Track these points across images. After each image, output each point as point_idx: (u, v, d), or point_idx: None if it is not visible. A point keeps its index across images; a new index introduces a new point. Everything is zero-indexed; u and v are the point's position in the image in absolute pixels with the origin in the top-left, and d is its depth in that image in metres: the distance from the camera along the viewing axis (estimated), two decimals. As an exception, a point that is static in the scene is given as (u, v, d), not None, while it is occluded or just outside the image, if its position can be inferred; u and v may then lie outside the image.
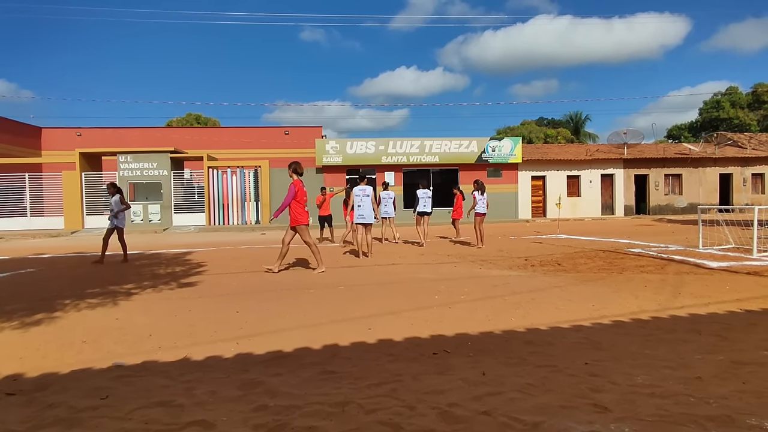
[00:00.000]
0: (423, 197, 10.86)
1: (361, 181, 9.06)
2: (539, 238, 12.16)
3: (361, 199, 8.68)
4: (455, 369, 2.97)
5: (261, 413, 2.38)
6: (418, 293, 5.35)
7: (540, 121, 48.77)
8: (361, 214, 8.67)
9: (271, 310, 4.68)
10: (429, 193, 11.05)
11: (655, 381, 2.68)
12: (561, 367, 2.95)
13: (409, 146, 21.95)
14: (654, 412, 2.28)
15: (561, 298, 4.97)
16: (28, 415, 2.44)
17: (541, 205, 23.59)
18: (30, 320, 4.42)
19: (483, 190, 10.60)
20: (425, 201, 10.87)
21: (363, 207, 8.66)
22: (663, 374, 2.78)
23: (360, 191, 8.75)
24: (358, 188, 8.83)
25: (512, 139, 23.15)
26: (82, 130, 23.64)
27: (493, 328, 3.88)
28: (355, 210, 8.74)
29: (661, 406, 2.35)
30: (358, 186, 8.87)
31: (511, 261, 7.91)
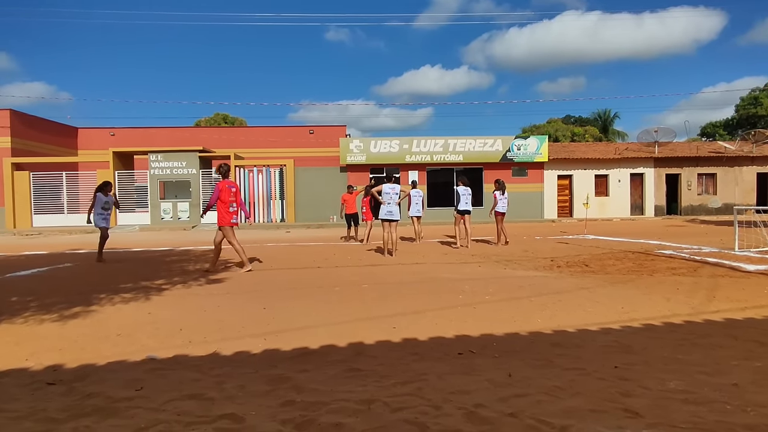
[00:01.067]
0: (464, 194, 10.22)
1: (388, 180, 9.23)
2: (566, 239, 11.94)
3: (390, 197, 8.86)
4: (481, 369, 2.95)
5: (288, 408, 2.43)
6: (442, 293, 5.34)
7: (567, 119, 47.82)
8: (389, 211, 8.84)
9: (297, 308, 4.75)
10: (469, 190, 10.43)
11: (689, 387, 2.61)
12: (589, 370, 2.90)
13: (432, 145, 21.87)
14: (688, 419, 2.22)
15: (589, 299, 4.88)
16: (68, 404, 2.55)
17: (567, 204, 23.15)
18: (68, 313, 4.61)
19: (504, 189, 10.68)
20: (467, 199, 10.24)
21: (391, 204, 8.85)
22: (697, 380, 2.70)
23: (389, 189, 8.94)
24: (387, 186, 9.00)
25: (538, 138, 22.79)
26: (116, 130, 24.43)
27: (519, 330, 3.84)
28: (383, 207, 8.91)
29: (695, 413, 2.28)
30: (386, 184, 9.03)
31: (537, 261, 7.80)
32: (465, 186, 10.39)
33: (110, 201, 8.94)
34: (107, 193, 8.90)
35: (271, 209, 20.99)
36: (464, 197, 10.20)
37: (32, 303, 5.09)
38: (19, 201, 19.94)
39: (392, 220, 8.85)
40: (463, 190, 10.27)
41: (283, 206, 21.07)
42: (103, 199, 8.83)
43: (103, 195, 8.81)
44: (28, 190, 19.96)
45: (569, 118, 48.18)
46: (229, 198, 7.11)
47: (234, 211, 7.23)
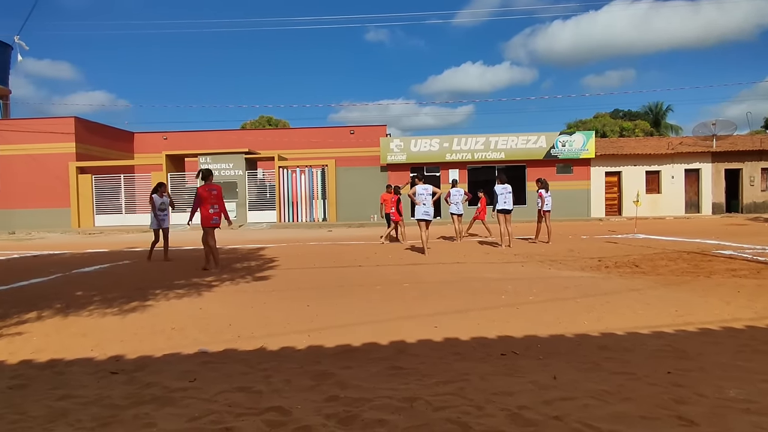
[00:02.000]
0: (503, 193, 9.90)
1: (420, 180, 9.31)
2: (614, 238, 11.47)
3: (424, 197, 8.96)
4: (524, 371, 2.91)
5: (332, 404, 2.49)
6: (485, 293, 5.28)
7: (615, 114, 45.82)
8: (426, 212, 8.95)
9: (340, 305, 4.84)
10: (509, 188, 10.06)
11: (751, 396, 2.46)
12: (640, 375, 2.79)
13: (473, 143, 21.57)
14: (749, 430, 2.10)
15: (639, 302, 4.68)
16: (129, 392, 2.73)
17: (616, 202, 22.21)
18: (127, 307, 4.92)
19: (547, 187, 10.66)
20: (506, 197, 9.90)
21: (426, 205, 8.95)
22: (759, 389, 2.55)
23: (423, 190, 9.03)
24: (421, 187, 9.08)
25: (584, 133, 22.00)
26: (168, 134, 25.71)
27: (564, 331, 3.75)
28: (418, 208, 9.00)
29: (757, 424, 2.15)
30: (419, 185, 9.11)
31: (583, 262, 7.55)
32: (504, 184, 10.02)
33: (166, 202, 9.28)
34: (162, 194, 9.26)
35: (313, 209, 21.40)
36: (503, 196, 9.89)
37: (96, 297, 5.47)
38: (82, 202, 21.36)
39: (428, 220, 9.00)
40: (502, 189, 9.94)
41: (324, 206, 21.43)
42: (159, 201, 9.22)
43: (158, 197, 9.20)
44: (90, 192, 21.33)
45: (618, 113, 46.14)
46: (210, 201, 7.40)
47: (215, 213, 7.46)
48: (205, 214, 7.40)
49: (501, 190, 9.94)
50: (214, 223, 7.47)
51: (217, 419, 2.34)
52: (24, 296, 5.64)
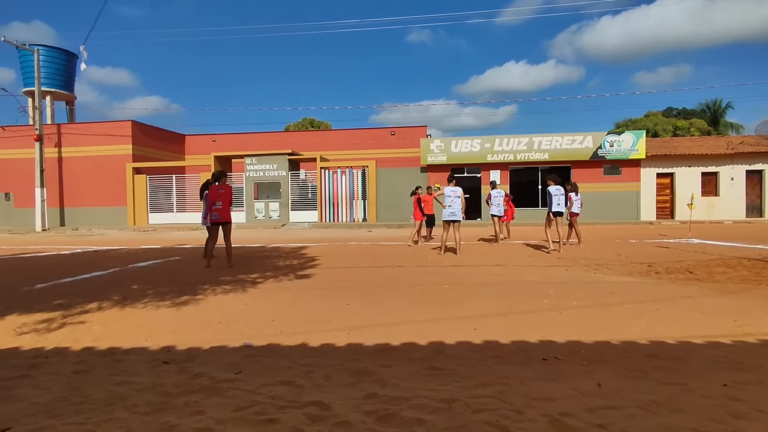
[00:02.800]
0: (556, 194, 9.42)
1: (450, 182, 9.56)
2: (666, 242, 10.92)
3: (452, 199, 9.22)
4: (567, 377, 2.84)
5: (371, 401, 2.53)
6: (526, 296, 5.17)
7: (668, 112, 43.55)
8: (452, 212, 9.23)
9: (379, 305, 4.88)
10: (562, 189, 9.57)
11: (817, 413, 2.29)
12: (692, 386, 2.66)
13: (516, 143, 21.13)
14: (814, 449, 1.96)
15: (693, 310, 4.45)
16: (180, 382, 2.88)
17: (668, 205, 21.13)
18: (179, 301, 5.17)
19: (577, 190, 10.65)
20: (559, 199, 9.44)
21: (453, 206, 9.21)
22: (828, 407, 2.37)
23: (451, 192, 9.30)
24: (449, 188, 9.37)
25: (634, 133, 21.07)
26: (216, 136, 26.76)
27: (610, 338, 3.62)
28: (445, 209, 9.29)
29: (823, 443, 2.01)
30: (448, 186, 9.40)
31: (631, 267, 7.24)
32: (557, 185, 9.55)
33: None
34: None
35: (353, 209, 21.65)
36: (556, 197, 9.43)
37: (149, 291, 5.78)
38: (137, 201, 22.59)
39: (455, 221, 9.24)
40: (555, 190, 9.47)
41: (365, 206, 21.63)
42: None
43: None
44: (144, 192, 22.53)
45: (671, 111, 43.84)
46: (216, 200, 7.79)
47: (217, 209, 7.81)
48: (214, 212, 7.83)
49: (554, 191, 9.44)
50: (215, 218, 7.85)
51: (261, 410, 2.43)
52: (86, 288, 6.05)
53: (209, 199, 7.87)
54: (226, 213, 7.97)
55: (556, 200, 9.42)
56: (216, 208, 7.85)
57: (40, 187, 21.07)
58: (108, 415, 2.41)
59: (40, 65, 22.00)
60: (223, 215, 7.91)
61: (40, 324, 4.28)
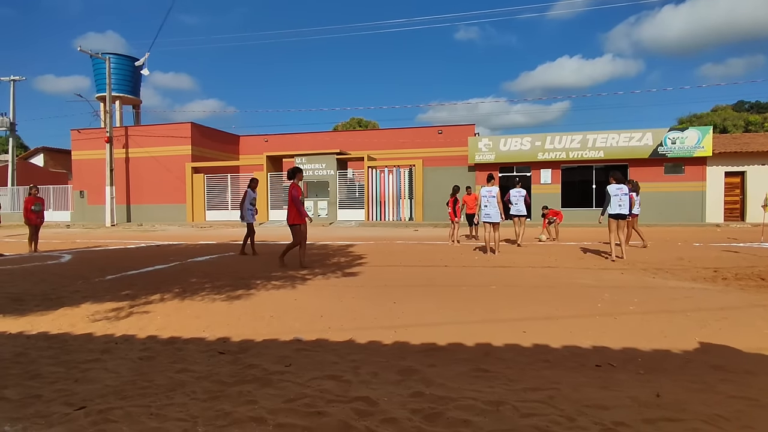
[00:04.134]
0: (617, 194, 8.36)
1: (488, 182, 9.50)
2: (734, 247, 10.15)
3: (487, 199, 9.20)
4: (622, 385, 2.72)
5: (417, 399, 2.54)
6: (578, 300, 4.99)
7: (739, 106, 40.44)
8: (487, 213, 9.21)
9: (425, 304, 4.88)
10: (625, 189, 8.45)
11: None
12: (764, 402, 2.47)
13: (568, 141, 20.35)
14: None
15: (765, 319, 4.12)
16: (234, 372, 3.02)
17: (738, 206, 19.60)
18: (233, 294, 5.41)
19: (638, 190, 10.13)
20: (621, 199, 8.33)
21: (489, 207, 9.17)
22: None
23: (486, 192, 9.26)
24: (484, 189, 9.35)
25: (699, 129, 19.70)
26: (269, 137, 27.71)
27: (670, 347, 3.42)
28: (482, 210, 9.34)
29: None
30: (485, 187, 9.39)
31: (695, 272, 6.79)
32: (618, 183, 8.50)
33: (256, 197, 9.76)
34: (254, 189, 9.73)
35: (400, 208, 21.69)
36: (616, 198, 8.36)
37: (206, 284, 6.09)
38: (196, 199, 23.80)
39: (490, 222, 9.20)
40: (615, 189, 8.42)
41: (411, 205, 21.62)
42: (252, 195, 9.67)
43: (252, 191, 9.67)
44: (202, 190, 23.70)
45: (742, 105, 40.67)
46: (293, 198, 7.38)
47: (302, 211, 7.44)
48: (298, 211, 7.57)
49: (615, 190, 8.41)
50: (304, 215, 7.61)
51: (310, 403, 2.50)
52: (150, 280, 6.46)
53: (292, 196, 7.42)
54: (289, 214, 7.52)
55: (617, 200, 8.35)
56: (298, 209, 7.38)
57: (110, 186, 22.68)
58: (169, 400, 2.57)
59: (111, 72, 23.65)
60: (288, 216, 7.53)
61: (111, 312, 4.62)
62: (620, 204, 8.32)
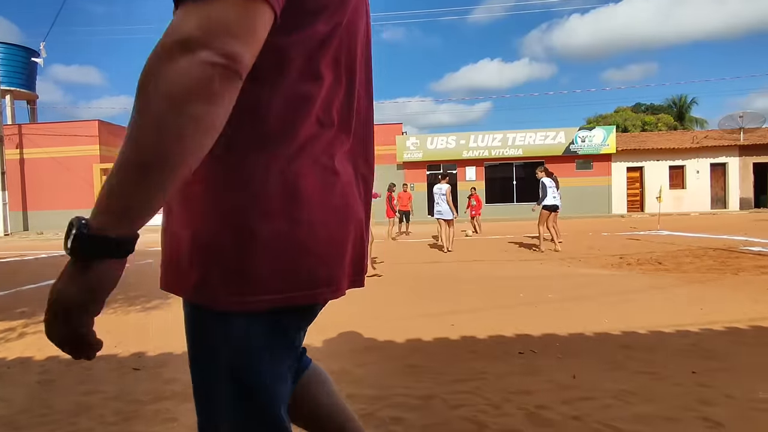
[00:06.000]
0: (552, 187, 8.69)
1: (440, 180, 9.64)
2: (636, 235, 11.23)
3: (439, 197, 9.40)
4: (543, 370, 2.86)
5: (349, 401, 2.49)
6: (502, 291, 5.22)
7: (637, 108, 44.90)
8: (438, 211, 9.40)
9: (352, 303, 4.84)
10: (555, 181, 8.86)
11: (781, 397, 2.38)
12: (664, 375, 2.72)
13: (491, 140, 21.38)
14: (778, 432, 2.03)
15: (663, 300, 4.57)
16: (151, 388, 2.78)
17: (638, 198, 21.76)
18: (150, 305, 5.02)
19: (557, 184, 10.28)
20: (554, 192, 8.67)
21: (440, 204, 9.36)
22: (790, 390, 2.46)
23: (437, 190, 9.48)
24: (436, 187, 9.57)
25: (605, 128, 21.60)
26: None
27: (584, 330, 3.68)
28: (435, 207, 9.54)
29: (787, 426, 2.08)
30: (436, 185, 9.57)
31: (604, 259, 7.41)
32: (550, 177, 8.81)
33: None
34: None
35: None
36: (552, 189, 8.68)
37: (119, 296, 5.59)
38: (106, 203, 21.90)
39: (443, 219, 9.40)
40: (550, 182, 8.74)
41: (341, 204, 21.55)
42: None
43: None
44: (113, 193, 21.86)
45: (639, 107, 45.21)
46: None
47: None
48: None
49: (550, 183, 8.73)
50: None
51: (236, 416, 2.36)
52: (51, 294, 5.80)
53: None
54: None
55: (551, 193, 8.66)
56: None
57: (1, 191, 20.19)
58: (72, 426, 2.31)
59: (0, 63, 21.05)
60: None
61: (1, 333, 4.08)
62: (555, 196, 8.67)
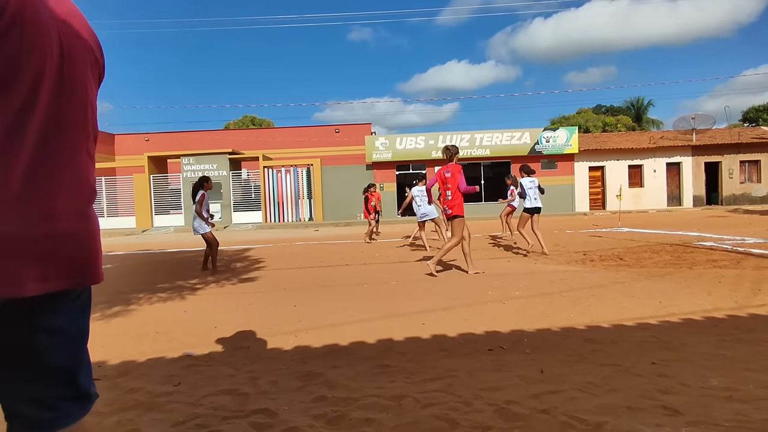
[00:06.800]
0: (532, 187, 8.11)
1: (420, 181, 9.82)
2: (598, 232, 11.63)
3: (421, 198, 9.41)
4: (512, 366, 2.92)
5: (320, 404, 2.47)
6: (472, 289, 5.29)
7: (598, 109, 46.50)
8: (423, 213, 9.37)
9: (327, 305, 4.81)
10: (537, 182, 8.23)
11: (733, 384, 2.50)
12: (625, 366, 2.82)
13: (458, 140, 21.67)
14: (732, 418, 2.13)
15: (624, 294, 4.74)
16: (112, 399, 2.66)
17: (600, 197, 22.53)
18: (110, 312, 4.82)
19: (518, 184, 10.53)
20: (535, 192, 8.13)
21: (423, 206, 9.35)
22: (742, 377, 2.59)
23: (418, 192, 9.54)
24: (416, 189, 9.68)
25: (568, 129, 22.25)
26: (150, 135, 25.27)
27: (551, 325, 3.77)
28: (419, 209, 9.51)
29: (740, 411, 2.19)
30: (416, 187, 9.72)
31: (569, 256, 7.63)
32: (531, 177, 8.24)
33: None
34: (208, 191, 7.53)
35: (299, 208, 21.28)
36: (532, 191, 8.12)
37: (77, 303, 5.34)
38: (62, 206, 20.91)
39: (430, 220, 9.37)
40: (529, 182, 8.14)
41: (311, 205, 21.33)
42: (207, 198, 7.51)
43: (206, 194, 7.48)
44: (70, 196, 20.89)
45: (600, 108, 46.84)
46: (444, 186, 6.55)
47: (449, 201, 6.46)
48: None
49: (529, 183, 8.14)
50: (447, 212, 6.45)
51: (203, 423, 2.30)
52: None
53: (203, 202, 6.91)
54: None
55: (532, 194, 8.13)
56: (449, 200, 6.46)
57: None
58: (26, 443, 2.18)
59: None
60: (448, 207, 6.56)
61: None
62: (535, 197, 8.18)
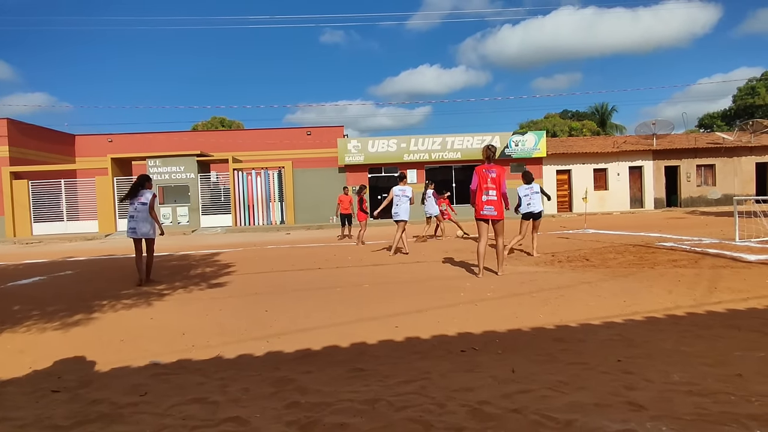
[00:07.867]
0: (528, 194, 8.05)
1: (400, 181, 9.40)
2: (566, 234, 11.94)
3: (399, 198, 9.11)
4: (484, 366, 2.95)
5: (293, 410, 2.43)
6: (444, 291, 5.33)
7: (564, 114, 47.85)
8: (396, 212, 9.11)
9: (299, 309, 4.75)
10: (536, 187, 8.13)
11: (693, 378, 2.61)
12: (593, 364, 2.90)
13: (430, 143, 21.86)
14: (692, 411, 2.22)
15: (590, 294, 4.88)
16: (73, 411, 2.55)
17: (566, 199, 23.16)
18: (71, 320, 4.61)
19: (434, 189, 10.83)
20: (531, 198, 8.03)
21: (399, 206, 9.08)
22: (701, 372, 2.71)
23: (399, 191, 9.17)
24: (396, 188, 9.24)
25: (536, 133, 22.79)
26: (113, 137, 24.41)
27: (521, 326, 3.84)
28: (393, 208, 9.17)
29: (699, 405, 2.28)
30: (397, 186, 9.28)
31: (537, 257, 7.79)
32: (529, 183, 8.16)
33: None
34: None
35: (270, 211, 20.97)
36: (527, 197, 8.04)
37: (34, 311, 5.09)
38: (18, 209, 19.92)
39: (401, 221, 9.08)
40: (526, 189, 8.08)
41: (282, 208, 21.05)
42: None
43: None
44: (27, 199, 19.93)
45: (566, 113, 48.22)
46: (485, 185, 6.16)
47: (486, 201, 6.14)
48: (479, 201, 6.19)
49: (525, 191, 8.13)
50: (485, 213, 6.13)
51: (170, 434, 2.22)
52: (-49, 313, 5.18)
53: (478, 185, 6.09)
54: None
55: (527, 200, 8.06)
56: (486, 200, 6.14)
57: None
58: (-22, 461, 2.06)
59: None
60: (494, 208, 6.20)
61: None
62: (529, 203, 8.07)
